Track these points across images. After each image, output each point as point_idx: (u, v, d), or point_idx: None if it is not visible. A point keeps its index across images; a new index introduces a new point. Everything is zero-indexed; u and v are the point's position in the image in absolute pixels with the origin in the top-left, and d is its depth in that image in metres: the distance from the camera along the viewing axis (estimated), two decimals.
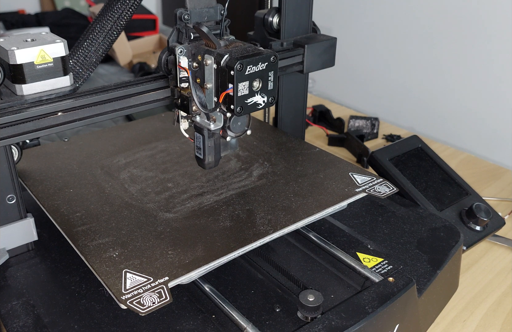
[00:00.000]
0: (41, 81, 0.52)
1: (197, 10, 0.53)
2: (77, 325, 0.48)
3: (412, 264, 0.58)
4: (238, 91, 0.48)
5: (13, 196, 0.55)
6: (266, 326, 0.49)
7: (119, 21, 0.58)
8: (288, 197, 0.60)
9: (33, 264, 0.56)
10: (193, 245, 0.51)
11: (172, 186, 0.62)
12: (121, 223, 0.55)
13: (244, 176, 0.65)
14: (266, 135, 0.76)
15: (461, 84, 1.12)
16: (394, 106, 1.28)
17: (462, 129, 1.14)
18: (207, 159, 0.55)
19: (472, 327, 0.60)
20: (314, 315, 0.48)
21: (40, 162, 0.68)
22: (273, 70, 0.50)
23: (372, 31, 1.29)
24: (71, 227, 0.54)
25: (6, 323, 0.48)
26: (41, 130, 0.51)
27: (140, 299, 0.43)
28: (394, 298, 0.50)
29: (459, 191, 0.77)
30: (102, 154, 0.70)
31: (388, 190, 0.61)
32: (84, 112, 0.54)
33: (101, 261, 0.48)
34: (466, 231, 0.70)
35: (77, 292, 0.52)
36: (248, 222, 0.55)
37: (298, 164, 0.68)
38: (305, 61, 0.70)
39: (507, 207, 0.83)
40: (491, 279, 0.68)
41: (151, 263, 0.48)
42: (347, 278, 0.55)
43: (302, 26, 0.73)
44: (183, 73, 0.52)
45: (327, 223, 0.64)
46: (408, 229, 0.64)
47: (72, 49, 0.58)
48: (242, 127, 0.54)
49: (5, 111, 0.49)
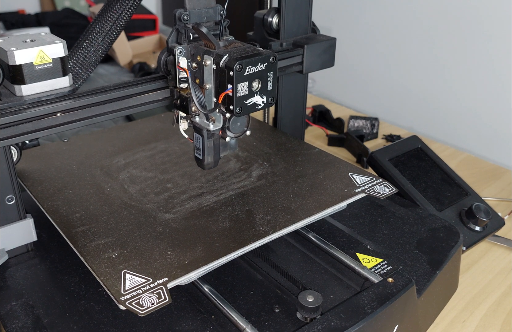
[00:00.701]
0: (40, 82, 0.52)
1: (196, 11, 0.53)
2: (76, 325, 0.48)
3: (412, 264, 0.57)
4: (238, 92, 0.48)
5: (13, 197, 0.55)
6: (266, 327, 0.49)
7: (119, 22, 0.58)
8: (288, 198, 0.60)
9: (32, 265, 0.56)
10: (193, 246, 0.51)
11: (172, 186, 0.62)
12: (121, 224, 0.55)
13: (243, 176, 0.65)
14: (265, 135, 0.76)
15: (461, 84, 1.12)
16: (394, 106, 1.28)
17: (462, 130, 1.14)
18: (206, 159, 0.55)
19: (471, 327, 0.60)
20: (314, 315, 0.48)
21: (40, 163, 0.68)
22: (272, 70, 0.50)
23: (371, 31, 1.29)
24: (71, 228, 0.54)
25: (5, 323, 0.48)
26: (41, 131, 0.51)
27: (139, 299, 0.43)
28: (393, 299, 0.50)
29: (459, 191, 0.77)
30: (101, 155, 0.70)
31: (388, 191, 0.61)
32: (83, 113, 0.54)
33: (100, 262, 0.48)
34: (466, 231, 0.70)
35: (76, 293, 0.52)
36: (248, 223, 0.55)
37: (298, 164, 0.68)
38: (305, 61, 0.70)
39: (506, 207, 0.83)
40: (490, 279, 0.67)
41: (150, 264, 0.48)
42: (347, 279, 0.55)
43: (302, 26, 0.73)
44: (183, 74, 0.52)
45: (326, 223, 0.64)
46: (408, 229, 0.64)
47: (71, 49, 0.58)
48: (242, 127, 0.53)
49: (4, 112, 0.49)
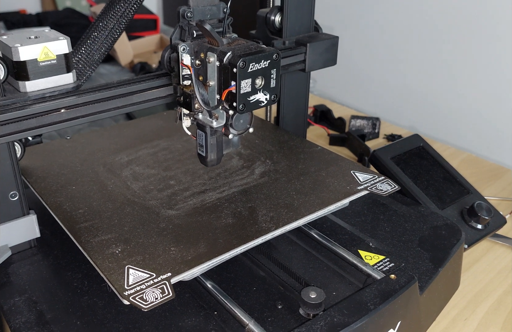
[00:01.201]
0: (44, 78, 0.52)
1: (200, 8, 0.53)
2: (80, 321, 0.48)
3: (414, 261, 0.58)
4: (241, 89, 0.48)
5: (16, 193, 0.55)
6: (268, 323, 0.49)
7: (122, 19, 0.58)
8: (290, 195, 0.60)
9: (35, 261, 0.56)
10: (196, 242, 0.51)
11: (175, 183, 0.63)
12: (124, 220, 0.55)
13: (246, 173, 0.65)
14: (268, 133, 0.77)
15: (462, 84, 1.13)
16: (395, 106, 1.28)
17: (463, 129, 1.14)
18: (209, 157, 0.55)
19: (473, 325, 0.60)
20: (316, 311, 0.48)
21: (43, 159, 0.68)
22: (275, 68, 0.50)
23: (373, 31, 1.29)
24: (74, 224, 0.54)
25: (8, 319, 0.48)
26: (44, 127, 0.52)
27: (142, 294, 0.43)
28: (396, 295, 0.50)
29: (461, 189, 0.77)
30: (104, 152, 0.70)
31: (390, 188, 0.61)
32: (87, 109, 0.54)
33: (104, 257, 0.48)
34: (468, 230, 0.71)
35: (79, 289, 0.52)
36: (250, 219, 0.55)
37: (300, 162, 0.68)
38: (307, 59, 0.70)
39: (508, 206, 0.83)
40: (492, 277, 0.68)
41: (154, 259, 0.48)
42: (349, 276, 0.55)
43: (304, 25, 0.73)
44: (186, 71, 0.52)
45: (329, 220, 0.64)
46: (410, 227, 0.64)
47: (75, 47, 0.58)
48: (244, 125, 0.54)
49: (8, 108, 0.49)
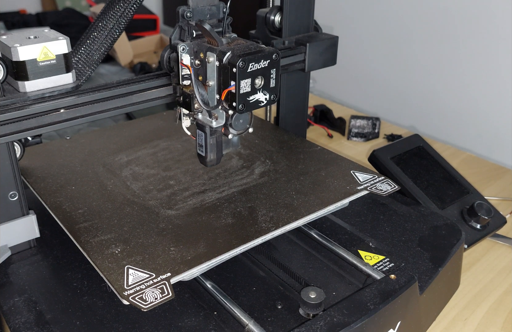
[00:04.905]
0: (43, 78, 0.52)
1: (199, 8, 0.53)
2: (79, 321, 0.48)
3: (414, 261, 0.58)
4: (240, 89, 0.48)
5: (16, 193, 0.55)
6: (268, 323, 0.49)
7: (121, 19, 0.58)
8: (290, 195, 0.60)
9: (35, 261, 0.56)
10: (195, 242, 0.51)
11: (174, 183, 0.62)
12: (123, 220, 0.55)
13: (245, 173, 0.65)
14: (267, 133, 0.77)
15: (462, 84, 1.13)
16: (395, 106, 1.28)
17: (463, 129, 1.14)
18: (209, 157, 0.55)
19: (473, 325, 0.60)
20: (316, 311, 0.48)
21: (42, 160, 0.68)
22: (275, 67, 0.50)
23: (373, 31, 1.29)
24: (73, 224, 0.54)
25: (8, 319, 0.48)
26: (44, 127, 0.52)
27: (142, 294, 0.43)
28: (395, 295, 0.50)
29: (461, 189, 0.77)
30: (104, 152, 0.70)
31: (390, 188, 0.61)
32: (86, 109, 0.54)
33: (103, 257, 0.48)
34: (468, 230, 0.71)
35: (79, 289, 0.52)
36: (250, 219, 0.55)
37: (300, 162, 0.68)
38: (307, 59, 0.70)
39: (508, 206, 0.83)
40: (492, 278, 0.68)
41: (153, 259, 0.48)
42: (349, 276, 0.55)
43: (304, 24, 0.73)
44: (185, 71, 0.52)
45: (328, 220, 0.64)
46: (410, 227, 0.64)
47: (74, 46, 0.58)
48: (244, 125, 0.54)
49: (8, 108, 0.49)
